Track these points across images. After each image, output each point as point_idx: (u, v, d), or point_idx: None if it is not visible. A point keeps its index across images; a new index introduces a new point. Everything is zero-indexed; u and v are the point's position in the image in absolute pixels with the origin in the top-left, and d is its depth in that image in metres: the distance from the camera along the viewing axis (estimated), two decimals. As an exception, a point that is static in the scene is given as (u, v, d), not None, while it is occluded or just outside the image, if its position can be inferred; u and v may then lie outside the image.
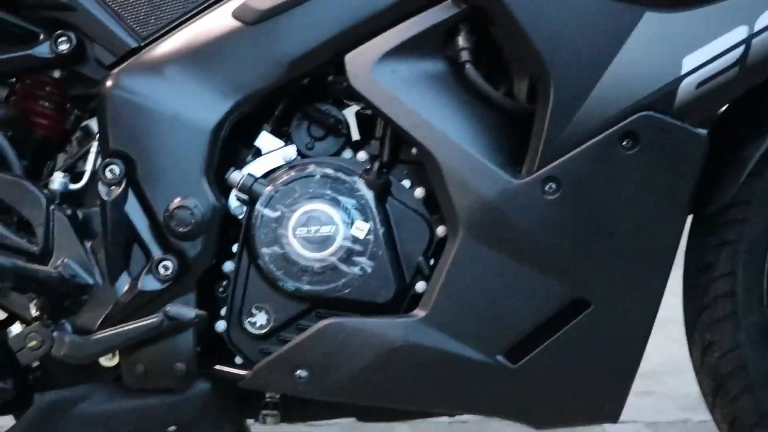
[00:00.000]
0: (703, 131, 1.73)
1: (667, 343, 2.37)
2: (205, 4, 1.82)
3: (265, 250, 1.80)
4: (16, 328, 1.80)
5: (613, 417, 1.80)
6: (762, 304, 1.86)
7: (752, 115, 1.84)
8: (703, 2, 1.70)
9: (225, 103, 1.78)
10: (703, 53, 1.70)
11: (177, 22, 1.82)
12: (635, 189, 1.74)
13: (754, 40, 1.71)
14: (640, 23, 1.69)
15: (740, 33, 1.71)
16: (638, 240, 1.75)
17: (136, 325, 1.77)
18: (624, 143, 1.73)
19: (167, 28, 1.82)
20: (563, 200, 1.73)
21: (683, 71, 1.71)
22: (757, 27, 1.71)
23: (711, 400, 1.90)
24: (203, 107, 1.77)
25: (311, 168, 1.80)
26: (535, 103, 1.75)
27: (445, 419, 2.00)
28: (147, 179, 1.78)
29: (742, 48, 1.71)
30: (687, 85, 1.72)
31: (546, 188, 1.73)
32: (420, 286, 1.82)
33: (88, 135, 1.89)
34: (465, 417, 2.06)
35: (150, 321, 1.77)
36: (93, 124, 1.86)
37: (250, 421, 1.97)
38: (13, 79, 1.90)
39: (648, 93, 1.71)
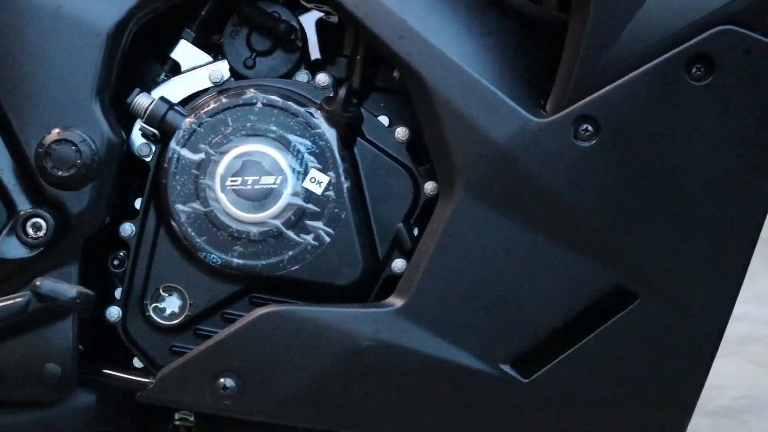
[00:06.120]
0: None
1: (749, 368, 2.24)
2: None
3: (180, 208, 1.64)
4: None
5: None
6: None
7: None
8: None
9: (128, -4, 1.67)
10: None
11: None
12: (707, 135, 1.55)
13: None
14: None
15: None
16: (708, 207, 1.58)
17: (-9, 306, 1.65)
18: (693, 70, 1.55)
19: None
20: (603, 148, 1.56)
21: (781, -33, 1.56)
22: None
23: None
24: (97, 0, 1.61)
25: (250, 93, 1.64)
26: (568, 12, 1.59)
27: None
28: (12, 101, 1.62)
29: None
30: (786, -11, 1.56)
31: (579, 131, 1.56)
32: (398, 264, 1.66)
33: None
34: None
35: (11, 301, 1.61)
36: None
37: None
38: None
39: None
